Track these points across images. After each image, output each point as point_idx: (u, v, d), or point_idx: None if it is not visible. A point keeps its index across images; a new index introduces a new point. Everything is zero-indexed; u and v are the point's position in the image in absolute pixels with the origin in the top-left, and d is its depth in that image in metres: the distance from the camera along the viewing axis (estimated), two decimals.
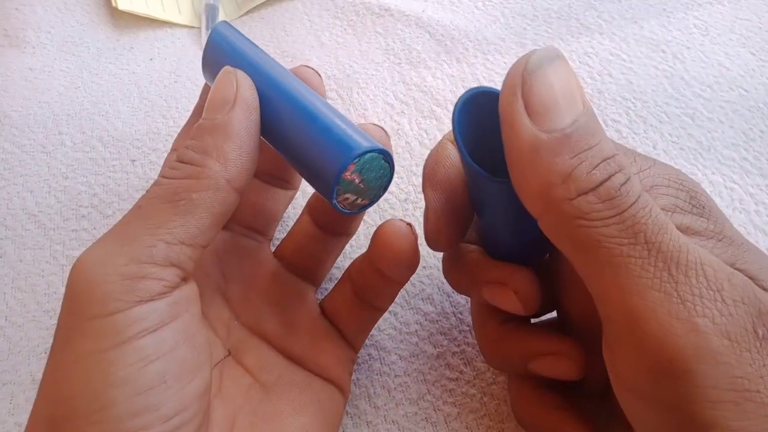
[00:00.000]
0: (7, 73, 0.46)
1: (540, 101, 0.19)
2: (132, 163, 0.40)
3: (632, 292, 0.19)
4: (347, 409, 0.30)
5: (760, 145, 0.38)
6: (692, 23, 0.45)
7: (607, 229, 0.19)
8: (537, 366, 0.26)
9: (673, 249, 0.19)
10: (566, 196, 0.19)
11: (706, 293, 0.18)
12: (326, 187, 0.25)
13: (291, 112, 0.26)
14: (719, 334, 0.18)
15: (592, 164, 0.19)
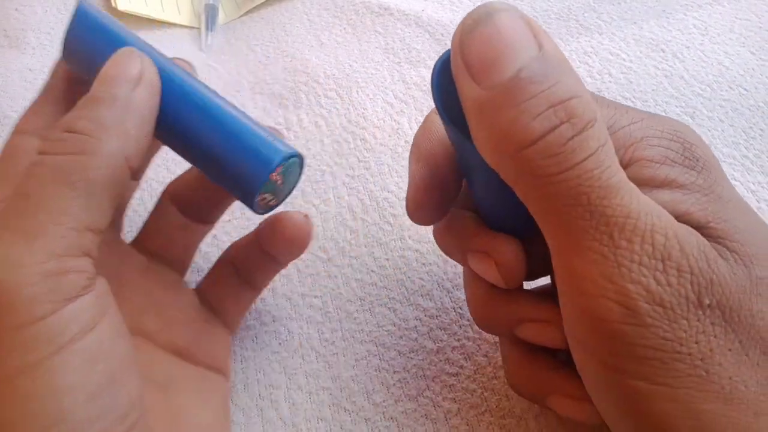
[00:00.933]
0: (7, 73, 0.46)
1: (477, 58, 0.19)
2: None
3: (572, 251, 0.19)
4: (345, 406, 0.30)
5: (760, 143, 0.38)
6: (692, 23, 0.45)
7: (550, 188, 0.18)
8: (523, 332, 0.25)
9: (619, 214, 0.18)
10: (510, 152, 0.18)
11: (647, 261, 0.18)
12: (252, 188, 0.25)
13: (203, 112, 0.25)
14: (651, 301, 0.18)
15: (533, 113, 0.18)
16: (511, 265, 0.25)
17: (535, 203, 0.19)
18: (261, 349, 0.32)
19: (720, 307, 0.19)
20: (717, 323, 0.18)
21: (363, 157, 0.39)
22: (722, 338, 0.18)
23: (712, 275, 0.19)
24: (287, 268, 0.34)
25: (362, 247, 0.35)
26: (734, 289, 0.19)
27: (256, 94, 0.43)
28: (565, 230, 0.19)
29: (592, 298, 0.19)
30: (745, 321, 0.19)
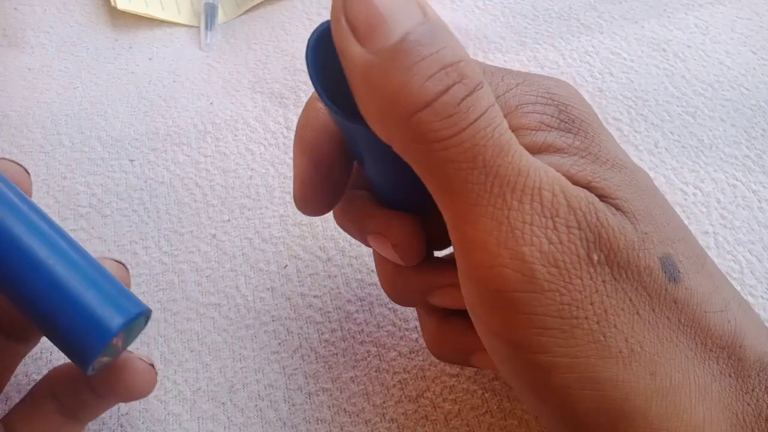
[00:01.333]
0: (6, 73, 0.46)
1: (363, 20, 0.18)
2: (131, 162, 0.40)
3: (467, 220, 0.18)
4: (345, 407, 0.30)
5: (762, 143, 0.38)
6: (693, 23, 0.45)
7: (446, 152, 0.18)
8: (436, 299, 0.25)
9: (511, 173, 0.18)
10: (402, 116, 0.17)
11: (538, 220, 0.18)
12: (85, 358, 0.23)
13: (30, 261, 0.22)
14: (546, 263, 0.18)
15: (425, 75, 0.17)
16: (407, 245, 0.24)
17: (429, 172, 0.18)
18: (260, 348, 0.32)
19: (609, 263, 0.18)
20: (608, 281, 0.18)
21: None
22: (614, 297, 0.18)
23: (600, 228, 0.18)
24: (287, 268, 0.34)
25: (362, 246, 0.35)
26: (622, 244, 0.18)
27: (255, 93, 0.43)
28: (460, 197, 0.18)
29: (488, 268, 0.18)
30: (633, 278, 0.19)
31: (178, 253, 0.36)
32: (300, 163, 0.24)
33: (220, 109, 0.43)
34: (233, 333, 0.32)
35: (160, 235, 0.36)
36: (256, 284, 0.34)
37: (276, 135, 0.41)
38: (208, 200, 0.38)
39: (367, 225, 0.25)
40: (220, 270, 0.35)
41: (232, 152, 0.40)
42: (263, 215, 0.37)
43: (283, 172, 0.39)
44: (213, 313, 0.33)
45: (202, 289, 0.34)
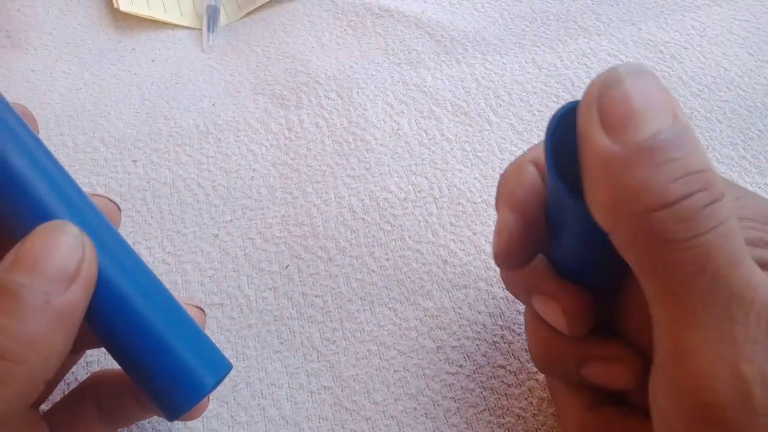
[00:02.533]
0: (9, 74, 0.46)
1: (616, 113, 0.18)
2: (134, 163, 0.41)
3: (685, 325, 0.18)
4: (346, 405, 0.30)
5: (758, 144, 0.38)
6: (690, 24, 0.46)
7: (676, 254, 0.17)
8: (590, 370, 0.24)
9: (741, 286, 0.17)
10: (637, 211, 0.18)
11: (762, 339, 0.17)
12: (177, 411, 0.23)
13: (134, 311, 0.22)
14: (765, 385, 0.17)
15: (671, 177, 0.17)
16: (578, 311, 0.24)
17: (651, 270, 0.18)
18: (263, 348, 0.32)
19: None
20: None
21: (363, 157, 0.40)
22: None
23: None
24: (289, 268, 0.35)
25: (363, 247, 0.36)
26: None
27: (257, 95, 0.44)
28: (681, 301, 0.18)
29: (701, 378, 0.17)
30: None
31: (181, 254, 0.36)
32: (508, 219, 0.24)
33: (222, 110, 0.43)
34: (236, 332, 0.33)
35: (163, 236, 0.37)
36: (259, 284, 0.35)
37: (277, 136, 0.41)
38: (210, 201, 0.38)
39: (539, 285, 0.25)
40: (222, 270, 0.35)
41: (234, 153, 0.40)
42: (265, 215, 0.37)
43: (284, 172, 0.39)
44: (216, 312, 0.34)
45: (205, 289, 0.35)
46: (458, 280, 0.34)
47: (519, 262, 0.24)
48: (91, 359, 0.32)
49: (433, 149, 0.40)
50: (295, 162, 0.40)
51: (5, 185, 0.21)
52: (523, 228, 0.24)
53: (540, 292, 0.25)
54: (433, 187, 0.38)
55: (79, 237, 0.21)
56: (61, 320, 0.20)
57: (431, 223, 0.36)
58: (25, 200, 0.22)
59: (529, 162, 0.25)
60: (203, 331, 0.25)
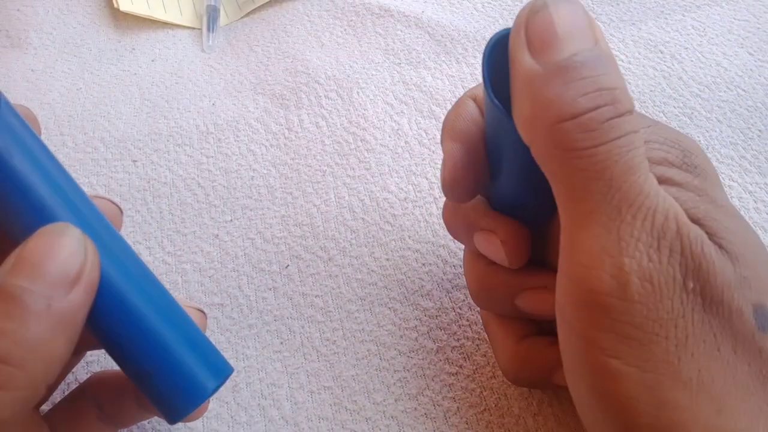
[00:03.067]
0: (9, 74, 0.46)
1: (539, 35, 0.20)
2: (134, 163, 0.41)
3: (580, 224, 0.20)
4: (347, 405, 0.30)
5: (758, 144, 0.38)
6: (690, 24, 0.46)
7: (578, 161, 0.19)
8: (524, 300, 0.27)
9: (633, 191, 0.19)
10: (549, 122, 0.19)
11: (645, 237, 0.19)
12: (178, 414, 0.23)
13: (135, 314, 0.22)
14: (641, 277, 0.19)
15: (581, 92, 0.19)
16: (517, 243, 0.26)
17: (558, 176, 0.20)
18: (263, 348, 0.32)
19: (702, 294, 0.19)
20: (696, 310, 0.19)
21: (363, 157, 0.40)
22: (699, 327, 0.19)
23: (702, 259, 0.19)
24: (289, 268, 0.35)
25: (363, 247, 0.36)
26: (720, 280, 0.19)
27: (257, 95, 0.44)
28: (580, 203, 0.20)
29: (587, 269, 0.19)
30: (722, 315, 0.19)
31: (181, 254, 0.36)
32: (452, 148, 0.26)
33: (221, 110, 0.43)
34: (236, 332, 0.33)
35: (163, 236, 0.37)
36: (259, 284, 0.35)
37: (277, 136, 0.41)
38: (210, 201, 0.38)
39: (478, 222, 0.27)
40: (222, 270, 0.35)
41: (234, 153, 0.40)
42: (265, 215, 0.37)
43: (284, 172, 0.39)
44: (216, 313, 0.34)
45: (205, 289, 0.35)
46: (458, 280, 0.34)
47: (465, 191, 0.26)
48: (91, 359, 0.32)
49: (433, 149, 0.40)
50: (295, 162, 0.40)
51: (7, 187, 0.21)
52: (466, 156, 0.25)
53: (480, 228, 0.27)
54: (433, 187, 0.38)
55: (81, 240, 0.21)
56: (63, 324, 0.20)
57: (431, 223, 0.36)
58: (26, 202, 0.21)
59: (467, 97, 0.27)
60: (204, 334, 0.25)
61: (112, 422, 0.27)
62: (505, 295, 0.27)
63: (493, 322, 0.29)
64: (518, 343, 0.28)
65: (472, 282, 0.29)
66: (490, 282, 0.28)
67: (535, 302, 0.26)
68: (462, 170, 0.25)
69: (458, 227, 0.29)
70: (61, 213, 0.22)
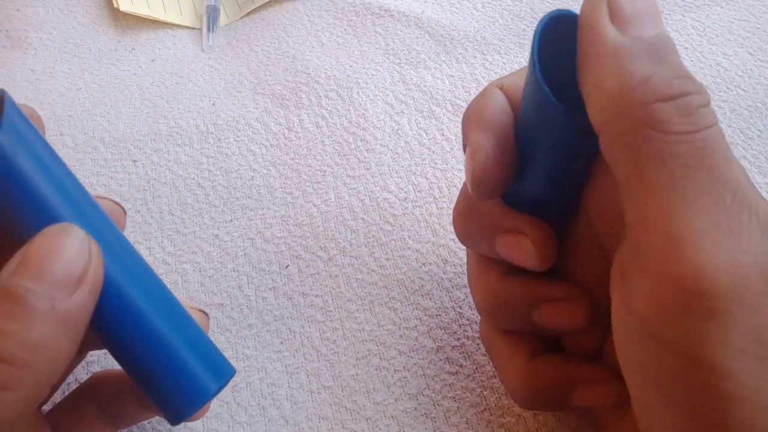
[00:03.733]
0: (9, 74, 0.46)
1: (626, 8, 0.19)
2: (134, 163, 0.41)
3: (679, 217, 0.17)
4: (347, 405, 0.30)
5: (758, 143, 0.38)
6: (690, 24, 0.46)
7: (676, 146, 0.18)
8: (543, 312, 0.24)
9: (733, 181, 0.18)
10: (643, 100, 0.18)
11: (755, 231, 0.17)
12: (180, 415, 0.23)
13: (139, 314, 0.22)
14: (761, 276, 0.17)
15: (675, 74, 0.18)
16: (548, 243, 0.24)
17: (643, 161, 0.18)
18: (263, 347, 0.32)
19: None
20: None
21: (363, 157, 0.40)
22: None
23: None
24: (289, 268, 0.35)
25: (363, 246, 0.36)
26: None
27: (257, 95, 0.44)
28: (678, 192, 0.18)
29: (698, 267, 0.17)
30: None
31: (181, 254, 0.36)
32: (481, 139, 0.23)
33: (221, 110, 0.43)
34: (236, 332, 0.33)
35: (163, 236, 0.37)
36: (259, 284, 0.35)
37: (277, 136, 0.41)
38: (210, 201, 0.38)
39: (502, 222, 0.24)
40: (222, 270, 0.35)
41: (234, 153, 0.40)
42: (265, 215, 0.37)
43: (284, 172, 0.39)
44: (216, 313, 0.34)
45: (205, 289, 0.35)
46: (458, 279, 0.34)
47: (496, 186, 0.23)
48: (91, 359, 0.32)
49: (433, 149, 0.40)
50: (295, 162, 0.40)
51: (12, 187, 0.21)
52: (498, 147, 0.23)
53: (505, 230, 0.24)
54: (433, 187, 0.38)
55: (85, 240, 0.21)
56: (67, 325, 0.20)
57: (431, 223, 0.36)
58: (31, 202, 0.21)
59: (493, 87, 0.25)
60: (207, 335, 0.25)
61: (113, 422, 0.27)
62: (521, 308, 0.25)
63: (501, 340, 0.27)
64: (529, 361, 0.25)
65: (485, 295, 0.26)
66: (506, 294, 0.25)
67: (556, 315, 0.24)
68: (494, 163, 0.23)
69: (475, 230, 0.26)
70: (65, 213, 0.22)
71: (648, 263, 0.18)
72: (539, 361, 0.25)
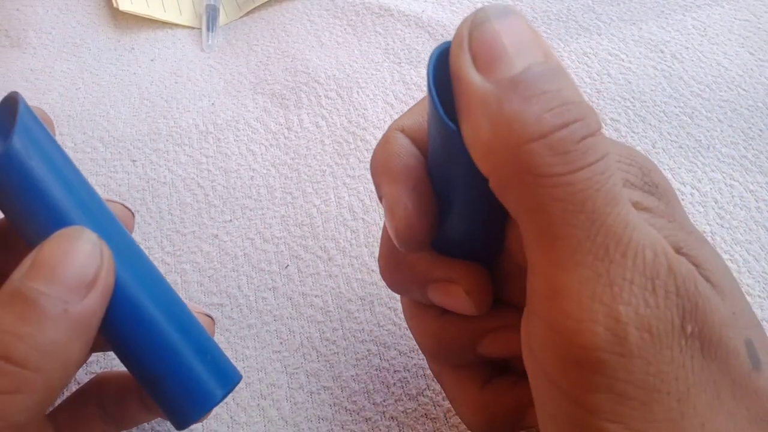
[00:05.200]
0: (8, 73, 0.46)
1: (486, 51, 0.18)
2: (133, 163, 0.40)
3: (561, 266, 0.17)
4: (346, 405, 0.30)
5: (759, 143, 0.38)
6: (690, 24, 0.45)
7: (554, 190, 0.16)
8: (488, 345, 0.24)
9: (618, 224, 0.17)
10: (513, 143, 0.17)
11: (638, 279, 0.17)
12: (186, 420, 0.23)
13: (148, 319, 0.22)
14: (640, 327, 0.16)
15: (545, 108, 0.17)
16: (482, 290, 0.23)
17: (528, 208, 0.17)
18: (262, 348, 0.32)
19: (700, 338, 0.17)
20: (696, 356, 0.17)
21: (363, 157, 0.39)
22: (699, 375, 0.17)
23: (698, 299, 0.17)
24: (288, 268, 0.35)
25: (363, 246, 0.35)
26: (717, 319, 0.17)
27: (256, 94, 0.44)
28: (558, 240, 0.17)
29: (577, 321, 0.17)
30: (720, 357, 0.17)
31: (181, 254, 0.36)
32: (394, 191, 0.22)
33: (221, 109, 0.43)
34: (235, 333, 0.33)
35: (162, 236, 0.37)
36: (258, 284, 0.34)
37: (277, 136, 0.41)
38: (209, 200, 0.38)
39: (431, 273, 0.23)
40: (222, 270, 0.35)
41: (234, 153, 0.40)
42: (264, 215, 0.37)
43: (284, 172, 0.39)
44: (215, 313, 0.33)
45: (204, 289, 0.34)
46: None
47: (422, 236, 0.22)
48: (91, 360, 0.32)
49: None
50: (294, 162, 0.40)
51: (25, 189, 0.21)
52: (414, 194, 0.22)
53: (435, 280, 0.23)
54: None
55: (97, 244, 0.21)
56: (79, 329, 0.20)
57: None
58: (43, 204, 0.21)
59: (394, 131, 0.23)
60: (214, 340, 0.25)
61: (115, 423, 0.27)
62: (464, 345, 0.24)
63: (448, 375, 0.26)
64: (480, 391, 0.25)
65: (424, 338, 0.25)
66: (447, 335, 0.24)
67: (501, 345, 0.23)
68: (416, 213, 0.22)
69: (404, 282, 0.25)
70: (77, 217, 0.22)
71: (537, 310, 0.18)
72: (490, 390, 0.25)
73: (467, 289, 0.23)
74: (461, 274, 0.23)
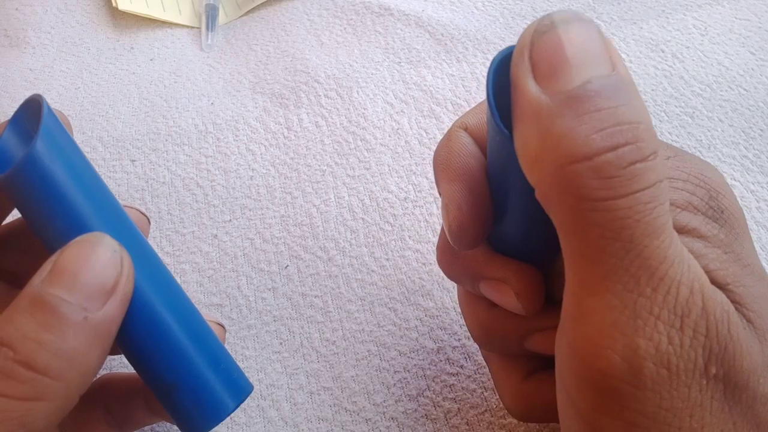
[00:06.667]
0: (7, 73, 0.46)
1: (546, 61, 0.17)
2: (132, 163, 0.40)
3: (591, 290, 0.17)
4: (346, 406, 0.30)
5: (760, 143, 0.38)
6: (691, 23, 0.45)
7: (592, 215, 0.16)
8: (535, 342, 0.24)
9: (654, 258, 0.16)
10: (558, 162, 0.16)
11: (666, 316, 0.16)
12: (197, 429, 0.23)
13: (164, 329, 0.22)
14: (658, 362, 0.16)
15: (595, 127, 0.16)
16: (532, 294, 0.23)
17: (566, 227, 0.17)
18: (262, 348, 0.32)
19: (725, 381, 0.17)
20: (716, 398, 0.17)
21: (363, 157, 0.39)
22: (717, 416, 0.17)
23: (728, 342, 0.17)
24: (288, 268, 0.35)
25: (363, 247, 0.35)
26: (747, 365, 0.17)
27: (256, 94, 0.44)
28: (590, 264, 0.17)
29: (596, 346, 0.17)
30: (745, 402, 0.17)
31: (180, 254, 0.36)
32: (453, 191, 0.22)
33: (220, 109, 0.43)
34: (235, 333, 0.33)
35: (161, 236, 0.37)
36: (258, 284, 0.34)
37: (276, 135, 0.41)
38: (209, 200, 0.38)
39: (483, 270, 0.24)
40: (221, 270, 0.35)
41: (233, 152, 0.40)
42: (264, 215, 0.37)
43: (284, 172, 0.39)
44: (215, 313, 0.33)
45: (204, 289, 0.34)
46: None
47: (474, 237, 0.22)
48: None
49: (434, 148, 0.39)
50: (294, 162, 0.39)
51: (47, 194, 0.21)
52: (471, 197, 0.22)
53: (488, 278, 0.24)
54: (433, 186, 0.38)
55: (117, 251, 0.21)
56: (98, 336, 0.20)
57: (431, 223, 0.36)
58: (64, 209, 0.21)
59: (457, 128, 0.23)
60: (227, 350, 0.25)
61: (120, 426, 0.27)
62: (511, 338, 0.24)
63: (495, 361, 0.27)
64: (523, 381, 0.25)
65: (475, 326, 0.26)
66: (495, 326, 0.25)
67: (548, 344, 0.23)
68: (469, 215, 0.22)
69: (458, 274, 0.25)
70: (98, 222, 0.22)
71: (565, 327, 0.18)
72: (532, 381, 0.25)
73: (518, 291, 0.23)
74: (513, 275, 0.23)
